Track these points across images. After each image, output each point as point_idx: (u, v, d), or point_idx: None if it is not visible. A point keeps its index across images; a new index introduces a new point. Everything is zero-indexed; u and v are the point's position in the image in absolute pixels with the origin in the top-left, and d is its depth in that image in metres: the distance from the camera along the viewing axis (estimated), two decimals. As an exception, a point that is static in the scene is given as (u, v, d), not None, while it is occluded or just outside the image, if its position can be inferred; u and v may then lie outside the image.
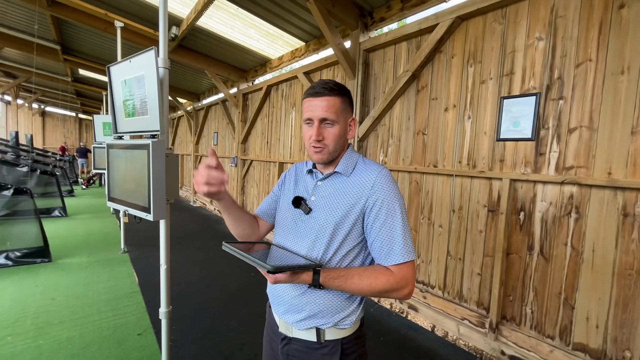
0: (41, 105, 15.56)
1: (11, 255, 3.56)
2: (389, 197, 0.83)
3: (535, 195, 2.03)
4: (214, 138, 7.43)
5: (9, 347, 2.13)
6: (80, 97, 12.51)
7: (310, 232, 0.87)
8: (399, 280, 0.79)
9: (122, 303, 2.82)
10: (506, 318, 2.19)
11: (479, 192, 2.33)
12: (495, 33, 2.22)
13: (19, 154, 8.76)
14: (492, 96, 2.24)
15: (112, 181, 1.64)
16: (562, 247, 1.92)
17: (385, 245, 0.81)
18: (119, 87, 1.60)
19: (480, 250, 2.33)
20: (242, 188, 5.98)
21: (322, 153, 0.87)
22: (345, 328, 0.86)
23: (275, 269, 0.69)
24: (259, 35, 4.24)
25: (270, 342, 0.99)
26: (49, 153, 11.46)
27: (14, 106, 12.75)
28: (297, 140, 4.45)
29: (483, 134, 2.29)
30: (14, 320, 2.45)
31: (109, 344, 2.22)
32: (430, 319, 2.61)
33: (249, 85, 5.68)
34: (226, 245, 0.80)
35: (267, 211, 1.06)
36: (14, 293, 2.89)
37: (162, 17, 1.45)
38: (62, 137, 16.88)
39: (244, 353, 2.22)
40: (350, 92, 0.91)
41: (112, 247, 4.40)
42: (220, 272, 3.71)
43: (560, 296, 1.93)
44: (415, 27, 2.64)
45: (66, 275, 3.35)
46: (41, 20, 4.95)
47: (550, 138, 1.96)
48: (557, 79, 1.93)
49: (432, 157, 2.63)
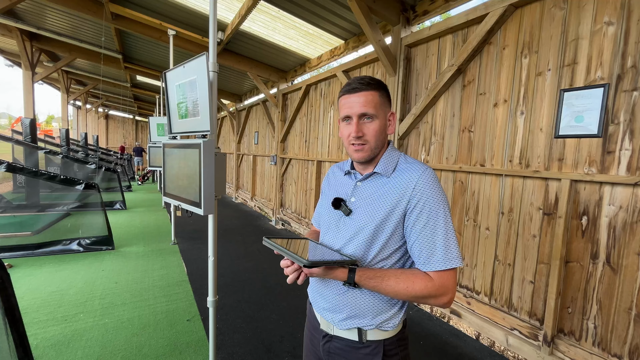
0: (105, 109, 17.36)
1: (82, 242, 4.04)
2: (431, 198, 0.79)
3: (602, 198, 1.82)
4: (255, 137, 7.72)
5: (81, 323, 2.42)
6: (137, 100, 13.75)
7: (353, 233, 0.86)
8: (437, 287, 0.76)
9: (173, 290, 3.06)
10: (563, 332, 2.00)
11: (533, 193, 2.15)
12: (555, 20, 2.02)
13: (88, 152, 9.89)
14: (550, 89, 2.05)
15: (167, 178, 1.79)
16: (634, 257, 1.70)
17: (425, 249, 0.78)
18: (173, 91, 1.73)
19: (533, 257, 2.15)
20: (281, 186, 6.14)
21: (363, 150, 0.85)
22: (388, 330, 0.85)
23: (311, 263, 0.70)
24: (298, 36, 4.32)
25: (310, 338, 1.01)
26: (111, 152, 12.77)
27: (84, 110, 14.38)
28: (335, 138, 4.46)
29: (538, 130, 2.11)
30: (85, 300, 2.78)
31: (162, 326, 2.43)
32: (475, 326, 2.47)
33: (289, 85, 5.81)
34: (266, 241, 0.82)
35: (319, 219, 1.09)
36: (85, 276, 3.27)
37: (212, 24, 1.54)
38: (122, 137, 18.68)
39: (284, 345, 2.29)
40: (387, 86, 0.88)
41: (163, 238, 4.78)
42: (259, 266, 3.86)
43: (630, 312, 1.72)
44: (462, 19, 2.51)
45: (126, 262, 3.71)
46: (106, 33, 5.52)
47: (621, 134, 1.75)
48: (631, 68, 1.71)
49: (479, 155, 2.48)
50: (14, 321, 1.32)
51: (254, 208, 7.69)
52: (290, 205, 5.89)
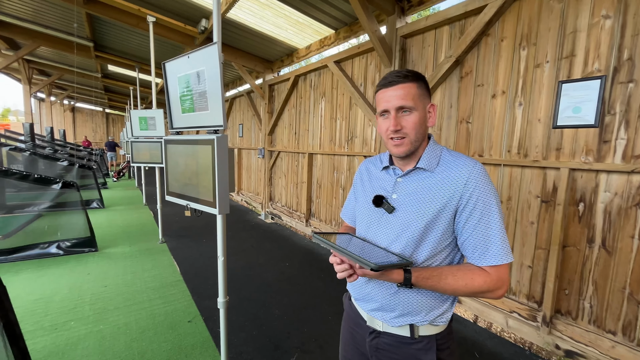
0: (71, 101, 16.22)
1: (62, 245, 3.79)
2: (484, 193, 0.78)
3: (598, 185, 1.92)
4: (239, 130, 7.51)
5: (74, 331, 2.27)
6: (108, 92, 12.93)
7: (398, 231, 0.84)
8: (496, 281, 0.76)
9: (168, 291, 2.94)
10: (561, 312, 2.12)
11: (531, 182, 2.23)
12: (553, 12, 2.07)
13: (55, 148, 9.22)
14: (548, 81, 2.11)
15: (171, 176, 1.68)
16: (628, 240, 1.82)
17: (480, 244, 0.78)
18: (174, 83, 1.62)
19: (531, 243, 2.24)
20: (270, 179, 6.04)
21: (402, 145, 0.83)
22: (440, 324, 0.85)
23: (378, 267, 0.68)
24: (287, 25, 4.19)
25: (352, 334, 0.99)
26: (80, 147, 12.00)
27: (48, 103, 13.35)
28: (327, 130, 4.41)
29: (537, 121, 2.17)
30: (74, 306, 2.61)
31: (163, 329, 2.33)
32: (474, 310, 2.57)
33: (275, 76, 5.66)
34: (318, 238, 0.81)
35: (353, 217, 1.07)
36: (69, 280, 3.07)
37: (216, 15, 1.44)
38: (91, 131, 17.58)
39: (292, 341, 2.27)
40: (424, 77, 0.86)
41: (150, 237, 4.58)
42: (255, 262, 3.80)
43: (624, 291, 1.84)
44: (460, 10, 2.51)
45: (113, 264, 3.52)
46: (76, 19, 5.09)
47: (617, 124, 1.83)
48: (627, 60, 1.78)
49: (478, 146, 2.54)
50: (14, 337, 1.21)
51: (241, 202, 7.53)
52: (280, 199, 5.81)
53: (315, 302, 2.85)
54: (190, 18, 4.45)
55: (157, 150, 4.17)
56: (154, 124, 4.05)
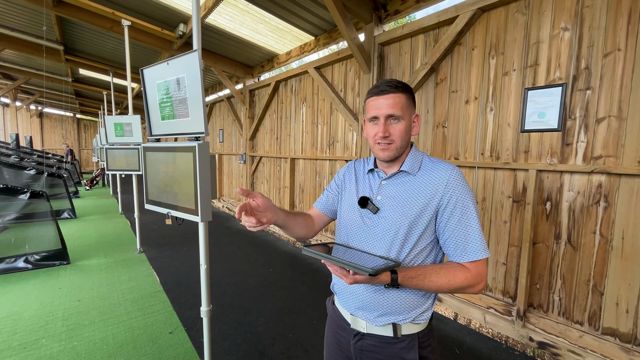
0: (39, 106, 15.39)
1: (30, 258, 3.58)
2: (462, 195, 0.85)
3: (562, 185, 2.06)
4: (220, 135, 7.41)
5: (45, 349, 2.15)
6: (79, 97, 12.38)
7: (383, 232, 0.88)
8: (475, 276, 0.82)
9: (148, 302, 2.85)
10: (533, 306, 2.23)
11: (503, 183, 2.35)
12: (518, 24, 2.22)
13: (22, 156, 8.71)
14: (516, 88, 2.24)
15: (150, 184, 1.65)
16: (590, 236, 1.96)
17: (460, 242, 0.84)
18: (153, 90, 1.59)
19: (505, 241, 2.36)
20: (252, 185, 5.99)
21: (389, 150, 0.89)
22: (421, 322, 0.89)
23: (376, 271, 0.70)
24: (267, 31, 4.21)
25: (336, 337, 1.01)
26: (49, 154, 11.39)
27: (12, 108, 12.60)
28: (309, 135, 4.45)
29: (506, 125, 2.30)
30: (45, 323, 2.47)
31: (142, 343, 2.26)
32: (454, 308, 2.65)
33: (255, 81, 5.65)
34: (307, 250, 0.79)
35: (329, 207, 1.08)
36: (39, 296, 2.91)
37: (196, 22, 1.45)
38: (61, 138, 16.73)
39: (276, 347, 2.26)
40: (412, 89, 0.93)
41: (126, 247, 4.41)
42: (237, 268, 3.74)
43: (589, 283, 1.97)
44: (433, 20, 2.63)
45: (87, 277, 3.37)
46: (43, 21, 4.87)
47: (577, 128, 1.98)
48: (584, 69, 1.94)
49: (453, 149, 2.65)
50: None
51: (222, 209, 7.40)
52: (262, 205, 5.76)
53: (300, 307, 2.85)
54: (168, 22, 4.38)
55: (135, 157, 4.04)
56: (130, 130, 3.92)
